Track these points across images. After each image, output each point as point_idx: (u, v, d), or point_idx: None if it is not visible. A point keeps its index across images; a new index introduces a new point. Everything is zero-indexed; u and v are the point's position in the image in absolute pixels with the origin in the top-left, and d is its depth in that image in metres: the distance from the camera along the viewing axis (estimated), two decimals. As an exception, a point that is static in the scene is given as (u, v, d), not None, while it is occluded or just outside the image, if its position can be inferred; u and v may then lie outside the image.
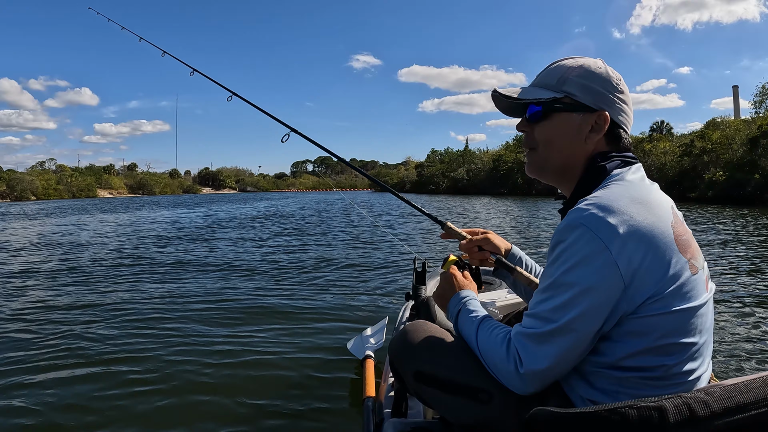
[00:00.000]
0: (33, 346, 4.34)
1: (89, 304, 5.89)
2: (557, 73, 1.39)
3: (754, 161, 32.57)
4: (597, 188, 1.29)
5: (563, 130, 1.37)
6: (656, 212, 1.20)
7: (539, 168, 1.45)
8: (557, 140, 1.38)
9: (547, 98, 1.37)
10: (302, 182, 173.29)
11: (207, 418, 3.03)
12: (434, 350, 1.49)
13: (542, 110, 1.39)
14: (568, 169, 1.39)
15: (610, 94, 1.35)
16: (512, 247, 1.87)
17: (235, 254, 10.29)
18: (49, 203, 59.08)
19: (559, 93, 1.37)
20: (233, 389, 3.40)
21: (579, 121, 1.35)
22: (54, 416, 3.05)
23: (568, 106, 1.36)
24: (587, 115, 1.35)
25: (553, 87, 1.38)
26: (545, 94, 1.38)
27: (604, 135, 1.36)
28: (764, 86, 43.10)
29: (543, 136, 1.41)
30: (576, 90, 1.35)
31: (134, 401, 3.24)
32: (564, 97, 1.36)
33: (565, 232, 1.20)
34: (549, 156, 1.41)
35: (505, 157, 67.44)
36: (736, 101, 74.66)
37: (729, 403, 0.95)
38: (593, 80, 1.35)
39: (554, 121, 1.38)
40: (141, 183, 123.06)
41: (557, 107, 1.37)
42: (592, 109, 1.35)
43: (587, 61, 1.38)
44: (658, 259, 1.16)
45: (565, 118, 1.37)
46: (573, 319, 1.17)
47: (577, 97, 1.35)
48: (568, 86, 1.36)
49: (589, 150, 1.36)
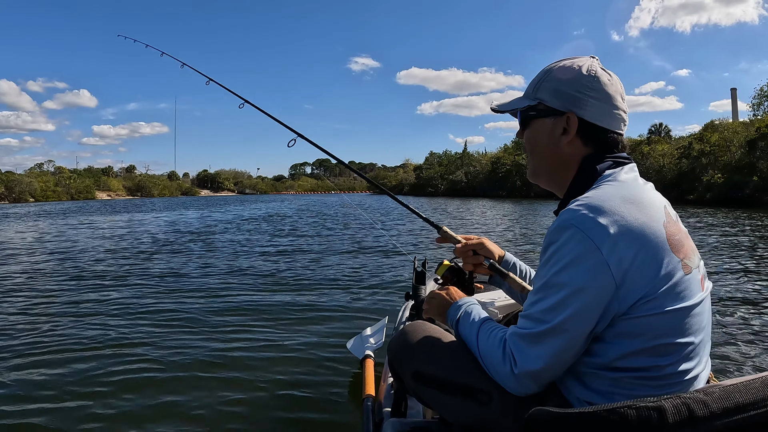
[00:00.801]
0: (29, 345, 4.33)
1: (89, 304, 5.89)
2: (536, 80, 1.43)
3: (752, 163, 32.67)
4: (589, 189, 1.29)
5: (539, 136, 1.42)
6: (648, 212, 1.20)
7: (533, 173, 1.49)
8: (537, 146, 1.43)
9: (522, 107, 1.43)
10: (301, 184, 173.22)
11: (207, 417, 3.03)
12: (433, 350, 1.49)
13: (520, 119, 1.46)
14: (556, 173, 1.42)
15: (579, 94, 1.34)
16: (506, 254, 1.88)
17: (235, 255, 10.29)
18: (47, 205, 58.99)
19: (533, 100, 1.41)
20: (233, 389, 3.41)
21: (550, 126, 1.38)
22: (53, 416, 3.04)
23: (541, 112, 1.40)
24: (557, 119, 1.37)
25: (530, 95, 1.42)
26: (523, 102, 1.44)
27: (584, 136, 1.35)
28: (762, 89, 43.45)
29: (527, 143, 1.46)
30: (546, 95, 1.38)
31: (133, 401, 3.24)
32: (537, 103, 1.40)
33: (556, 233, 1.20)
34: (535, 161, 1.46)
35: (504, 160, 67.51)
36: (734, 104, 75.05)
37: (728, 403, 0.94)
38: (563, 83, 1.36)
39: (532, 128, 1.43)
40: (139, 185, 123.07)
41: (531, 114, 1.42)
42: (561, 112, 1.36)
43: (567, 63, 1.38)
44: (649, 259, 1.16)
45: (540, 124, 1.41)
46: (565, 319, 1.17)
47: (547, 102, 1.38)
48: (540, 92, 1.40)
49: (569, 153, 1.37)
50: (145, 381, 3.56)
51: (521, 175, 60.77)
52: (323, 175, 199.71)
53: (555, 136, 1.37)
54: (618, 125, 1.37)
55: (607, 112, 1.35)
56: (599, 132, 1.35)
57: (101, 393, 3.36)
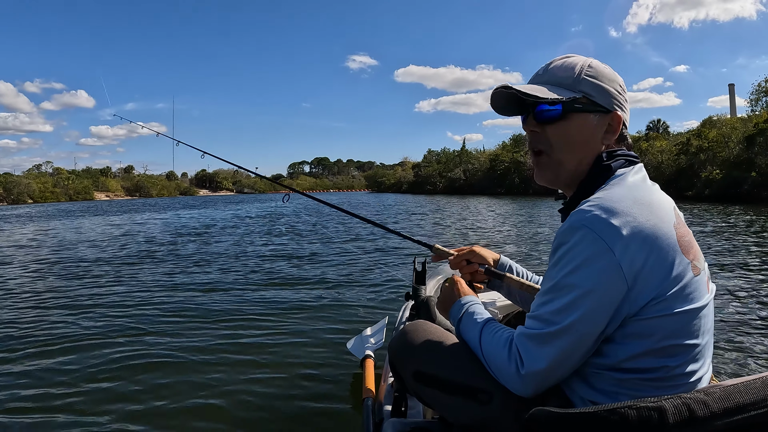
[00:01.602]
0: (24, 347, 4.34)
1: (88, 303, 5.89)
2: (570, 72, 1.35)
3: (750, 159, 32.63)
4: (599, 189, 1.28)
5: (581, 131, 1.34)
6: (659, 214, 1.19)
7: (554, 172, 1.39)
8: (574, 142, 1.34)
9: (567, 98, 1.31)
10: (299, 183, 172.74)
11: (206, 418, 3.03)
12: (434, 350, 1.49)
13: (562, 110, 1.33)
14: (579, 172, 1.36)
15: (621, 95, 1.35)
16: (501, 257, 1.87)
17: (234, 255, 10.29)
18: (45, 206, 58.90)
19: (577, 93, 1.32)
20: (233, 389, 3.41)
21: (595, 122, 1.34)
22: (54, 417, 3.04)
23: (586, 107, 1.33)
24: (602, 116, 1.34)
25: (570, 86, 1.33)
26: (563, 93, 1.32)
27: (619, 137, 1.36)
28: (760, 84, 43.26)
29: (560, 138, 1.35)
30: (592, 90, 1.32)
31: (132, 401, 3.24)
32: (582, 97, 1.32)
33: (568, 234, 1.19)
34: (565, 158, 1.36)
35: (502, 157, 67.42)
36: (732, 99, 74.94)
37: (728, 403, 0.95)
38: (605, 81, 1.34)
39: (573, 121, 1.33)
40: (138, 185, 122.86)
41: (576, 107, 1.33)
42: (607, 110, 1.34)
43: (593, 61, 1.37)
44: (661, 261, 1.15)
45: (584, 119, 1.33)
46: (575, 321, 1.16)
47: (593, 97, 1.32)
48: (584, 86, 1.33)
49: (599, 151, 1.35)
50: (142, 381, 3.56)
51: (520, 172, 60.83)
52: (321, 174, 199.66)
53: (598, 134, 1.34)
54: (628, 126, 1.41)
55: (628, 113, 1.39)
56: (625, 133, 1.38)
57: (100, 392, 3.37)
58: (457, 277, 1.66)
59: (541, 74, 1.40)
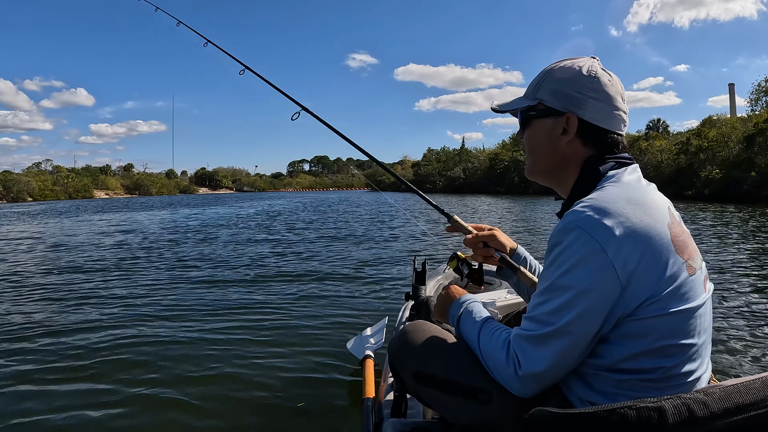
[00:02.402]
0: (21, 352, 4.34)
1: (89, 303, 5.89)
2: (536, 80, 1.44)
3: (750, 159, 32.66)
4: (593, 190, 1.29)
5: (538, 136, 1.42)
6: (652, 213, 1.20)
7: (530, 172, 1.51)
8: (536, 146, 1.44)
9: (522, 107, 1.44)
10: (299, 182, 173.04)
11: (206, 417, 3.03)
12: (434, 350, 1.49)
13: (521, 119, 1.47)
14: (555, 173, 1.43)
15: (579, 94, 1.35)
16: (518, 247, 1.84)
17: (235, 254, 10.28)
18: (45, 204, 58.90)
19: (533, 100, 1.42)
20: (233, 388, 3.41)
21: (550, 126, 1.39)
22: (52, 418, 3.05)
23: (541, 113, 1.40)
24: (557, 119, 1.38)
25: (530, 95, 1.43)
26: (523, 102, 1.45)
27: (584, 137, 1.35)
28: (760, 84, 43.22)
29: (527, 143, 1.47)
30: (546, 95, 1.39)
31: (131, 401, 3.24)
32: (537, 104, 1.41)
33: (561, 235, 1.20)
34: (534, 161, 1.47)
35: (502, 156, 67.53)
36: (732, 99, 74.89)
37: (728, 404, 0.95)
38: (563, 84, 1.37)
39: (532, 128, 1.44)
40: (138, 183, 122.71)
41: (531, 114, 1.43)
42: (561, 112, 1.37)
43: (568, 63, 1.38)
44: (654, 261, 1.16)
45: (539, 125, 1.42)
46: (570, 321, 1.17)
47: (547, 102, 1.39)
48: (540, 93, 1.41)
49: (568, 153, 1.37)
50: (142, 382, 3.55)
51: (519, 171, 60.73)
52: (321, 173, 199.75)
53: (554, 136, 1.38)
54: (618, 126, 1.37)
55: (608, 112, 1.35)
56: (599, 132, 1.35)
57: (99, 391, 3.37)
58: (447, 288, 1.65)
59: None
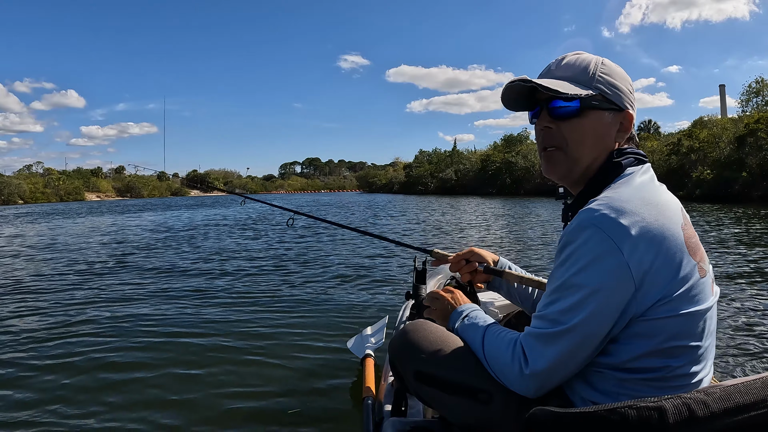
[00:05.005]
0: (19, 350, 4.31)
1: (88, 303, 5.85)
2: (585, 68, 1.34)
3: (741, 159, 32.84)
4: (607, 187, 1.28)
5: (596, 128, 1.33)
6: (667, 214, 1.19)
7: (568, 168, 1.37)
8: (590, 139, 1.33)
9: (585, 94, 1.31)
10: (291, 184, 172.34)
11: (206, 417, 3.04)
12: (435, 350, 1.48)
13: (580, 106, 1.32)
14: (591, 169, 1.35)
15: (631, 94, 1.36)
16: (499, 259, 1.88)
17: (234, 254, 10.26)
18: (36, 207, 58.48)
19: (593, 90, 1.32)
20: (233, 388, 3.42)
21: (609, 120, 1.34)
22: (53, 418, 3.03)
23: (601, 104, 1.32)
24: (616, 115, 1.34)
25: (586, 83, 1.33)
26: (579, 89, 1.31)
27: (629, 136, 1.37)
28: (751, 85, 43.57)
29: (575, 134, 1.34)
30: (606, 88, 1.32)
31: (131, 401, 3.24)
32: (597, 94, 1.32)
33: (576, 233, 1.18)
34: (580, 155, 1.34)
35: (493, 157, 67.58)
36: (723, 100, 75.48)
37: (728, 404, 0.95)
38: (618, 79, 1.34)
39: (588, 118, 1.33)
40: (129, 186, 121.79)
41: (593, 104, 1.32)
42: (620, 108, 1.34)
43: (605, 60, 1.37)
44: (668, 262, 1.15)
45: (599, 116, 1.33)
46: (582, 320, 1.16)
47: (608, 95, 1.32)
48: (599, 83, 1.32)
49: (611, 149, 1.35)
50: (142, 382, 3.55)
51: (511, 172, 60.98)
52: (313, 175, 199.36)
53: (611, 132, 1.34)
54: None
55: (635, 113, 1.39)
56: (633, 132, 1.39)
57: (98, 390, 3.36)
58: (449, 288, 1.67)
59: (554, 69, 1.38)
